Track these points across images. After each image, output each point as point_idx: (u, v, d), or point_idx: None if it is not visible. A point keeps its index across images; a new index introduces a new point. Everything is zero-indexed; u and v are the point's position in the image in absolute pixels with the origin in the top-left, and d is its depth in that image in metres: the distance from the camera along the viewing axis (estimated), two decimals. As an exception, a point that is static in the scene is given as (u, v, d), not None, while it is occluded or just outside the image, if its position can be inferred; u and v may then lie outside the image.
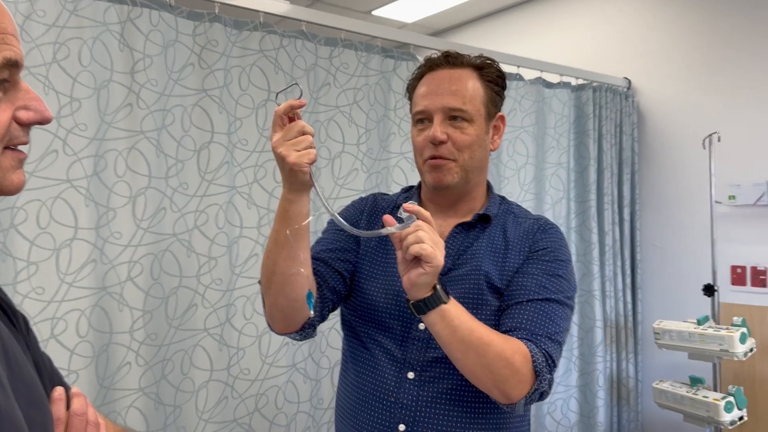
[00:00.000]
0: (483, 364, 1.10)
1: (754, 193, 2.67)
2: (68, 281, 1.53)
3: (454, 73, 1.27)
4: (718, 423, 2.34)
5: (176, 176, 1.74)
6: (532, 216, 1.36)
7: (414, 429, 1.20)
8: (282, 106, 1.09)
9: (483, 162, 1.31)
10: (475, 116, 1.25)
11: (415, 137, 1.29)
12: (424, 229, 1.07)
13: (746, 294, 2.75)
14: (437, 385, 1.21)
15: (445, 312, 1.09)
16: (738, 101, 2.79)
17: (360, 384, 1.27)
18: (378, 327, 1.27)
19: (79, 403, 0.87)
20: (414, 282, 1.07)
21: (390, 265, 1.29)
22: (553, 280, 1.23)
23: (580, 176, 2.89)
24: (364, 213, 1.38)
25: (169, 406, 1.71)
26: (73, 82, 1.55)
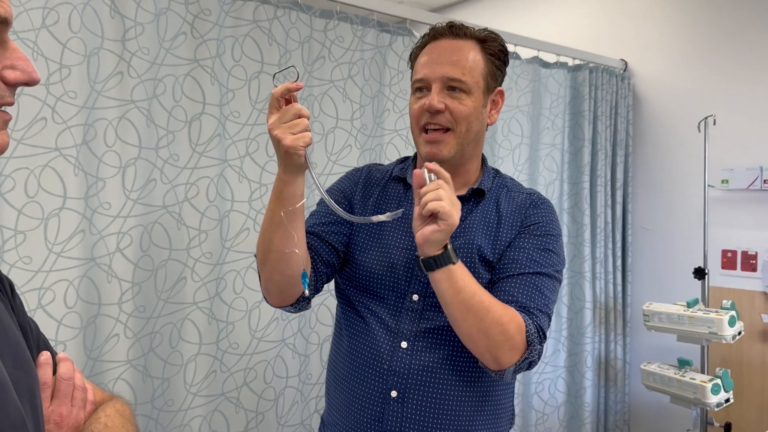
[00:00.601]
0: (480, 328, 1.14)
1: (747, 177, 2.67)
2: (56, 251, 1.51)
3: (456, 43, 1.27)
4: (705, 405, 2.36)
5: (167, 147, 1.72)
6: (525, 190, 1.38)
7: (405, 395, 1.24)
8: (279, 88, 1.09)
9: (479, 135, 1.31)
10: (473, 88, 1.25)
11: (413, 105, 1.29)
12: (444, 188, 1.11)
13: (736, 278, 2.76)
14: (429, 355, 1.24)
15: (452, 272, 1.13)
16: (734, 85, 2.78)
17: (354, 351, 1.30)
18: (373, 297, 1.30)
19: (65, 368, 0.86)
20: (427, 238, 1.11)
21: (385, 237, 1.31)
22: (544, 255, 1.27)
23: (574, 158, 2.88)
24: (359, 184, 1.39)
25: (157, 379, 1.71)
26: (62, 48, 1.52)
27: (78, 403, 0.86)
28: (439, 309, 1.22)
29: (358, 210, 1.35)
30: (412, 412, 1.24)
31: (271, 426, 1.92)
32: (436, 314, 1.24)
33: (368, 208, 1.35)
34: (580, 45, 3.12)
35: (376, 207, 1.35)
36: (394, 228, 1.31)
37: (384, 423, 1.25)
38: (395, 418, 1.24)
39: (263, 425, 1.90)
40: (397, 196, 1.36)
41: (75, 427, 0.84)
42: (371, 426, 1.26)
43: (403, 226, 1.30)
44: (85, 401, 0.87)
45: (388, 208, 1.34)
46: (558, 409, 2.79)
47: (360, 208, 1.35)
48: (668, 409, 2.94)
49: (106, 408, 0.89)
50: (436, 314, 1.24)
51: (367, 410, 1.27)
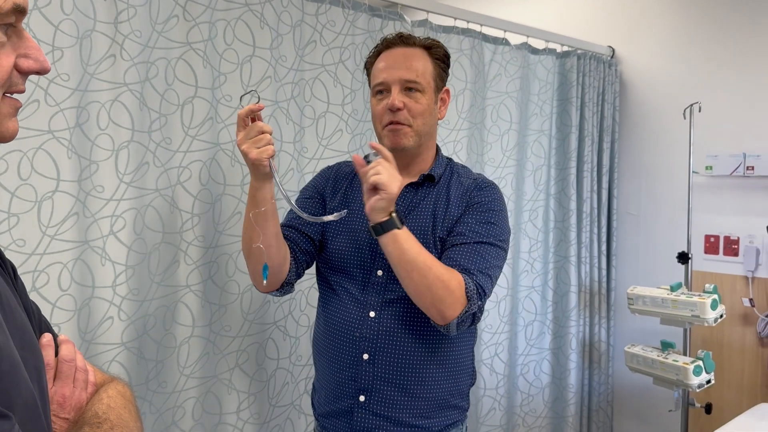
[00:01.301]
0: (424, 284, 1.34)
1: (731, 164, 2.72)
2: (50, 234, 1.52)
3: (407, 51, 1.50)
4: (687, 386, 2.42)
5: (159, 130, 1.72)
6: (473, 175, 1.60)
7: (375, 357, 1.47)
8: (244, 109, 1.32)
9: (433, 128, 1.55)
10: (426, 88, 1.48)
11: (375, 106, 1.51)
12: (382, 164, 1.34)
13: (718, 262, 2.82)
14: (394, 322, 1.47)
15: (397, 235, 1.34)
16: (719, 72, 2.82)
17: (331, 324, 1.54)
18: (344, 275, 1.54)
19: (67, 350, 0.87)
20: (372, 206, 1.33)
21: (352, 223, 1.54)
22: (485, 227, 1.47)
23: (561, 143, 2.91)
24: (329, 180, 1.64)
25: (151, 361, 1.72)
26: (54, 30, 1.51)
27: (80, 385, 0.87)
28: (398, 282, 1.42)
29: (330, 202, 1.60)
30: (383, 371, 1.47)
31: (263, 407, 1.95)
32: (398, 286, 1.44)
33: (337, 199, 1.59)
34: (568, 32, 3.14)
35: (344, 198, 1.58)
36: (361, 214, 1.52)
37: (359, 382, 1.48)
38: (368, 377, 1.48)
39: (255, 406, 1.92)
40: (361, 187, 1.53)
41: (77, 407, 0.86)
42: (349, 385, 1.49)
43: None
44: (87, 383, 0.89)
45: (354, 197, 1.56)
46: (543, 391, 2.85)
47: (330, 201, 1.60)
48: (651, 391, 3.01)
49: (108, 389, 0.90)
50: (398, 286, 1.44)
51: (344, 372, 1.50)
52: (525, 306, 2.79)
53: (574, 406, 2.88)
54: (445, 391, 1.52)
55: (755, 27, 2.72)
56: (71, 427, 0.83)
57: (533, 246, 2.80)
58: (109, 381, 0.94)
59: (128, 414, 0.88)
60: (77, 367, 0.88)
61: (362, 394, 1.48)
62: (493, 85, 2.61)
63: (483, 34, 2.55)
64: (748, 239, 2.73)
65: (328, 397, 1.54)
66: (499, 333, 2.65)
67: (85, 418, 0.83)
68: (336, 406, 1.52)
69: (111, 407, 0.86)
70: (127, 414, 0.87)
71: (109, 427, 0.82)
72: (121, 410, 0.87)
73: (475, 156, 2.56)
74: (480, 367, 2.61)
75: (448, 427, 1.55)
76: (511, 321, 2.71)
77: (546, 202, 2.85)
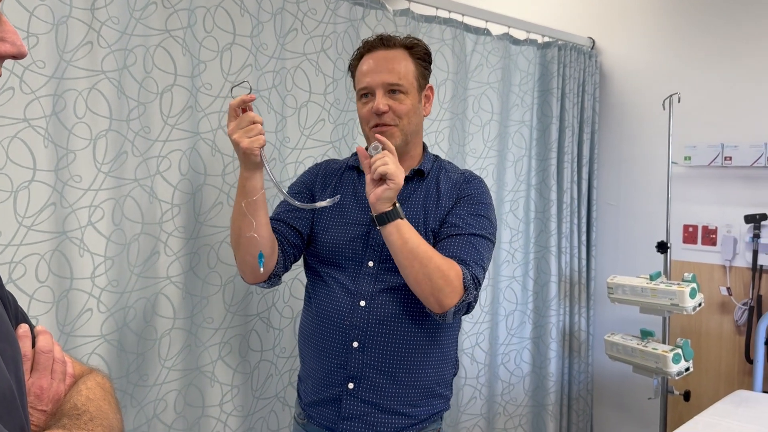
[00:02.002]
0: (425, 273, 1.38)
1: (709, 154, 2.75)
2: (26, 224, 1.48)
3: (388, 53, 1.53)
4: (666, 374, 2.45)
5: (138, 119, 1.69)
6: (460, 170, 1.66)
7: (365, 345, 1.51)
8: (236, 100, 1.34)
9: (419, 126, 1.59)
10: (409, 89, 1.52)
11: (361, 109, 1.55)
12: (389, 155, 1.39)
13: (696, 252, 2.85)
14: (383, 311, 1.51)
15: (400, 225, 1.39)
16: (698, 64, 2.85)
17: (321, 312, 1.56)
18: (335, 267, 1.57)
19: (44, 341, 0.85)
20: (379, 196, 1.37)
21: (345, 216, 1.58)
22: (477, 219, 1.53)
23: (542, 134, 2.92)
24: (318, 176, 1.67)
25: (132, 354, 1.70)
26: (29, 15, 1.47)
27: (58, 376, 0.85)
28: (391, 272, 1.50)
29: (319, 197, 1.62)
30: (372, 359, 1.50)
31: (247, 399, 1.93)
32: (389, 276, 1.51)
33: (327, 194, 1.61)
34: (549, 22, 3.15)
35: (334, 192, 1.61)
36: (353, 208, 1.58)
37: (348, 369, 1.51)
38: (357, 365, 1.51)
39: (238, 398, 1.91)
40: (351, 181, 1.63)
41: (55, 399, 0.84)
42: (338, 373, 1.52)
43: (360, 206, 1.57)
44: (65, 374, 0.87)
45: (344, 192, 1.60)
46: (523, 380, 2.87)
47: (320, 196, 1.62)
48: (630, 379, 3.04)
49: (87, 381, 0.88)
50: (389, 276, 1.51)
51: (334, 360, 1.52)
52: (506, 296, 2.80)
53: (554, 394, 2.90)
54: (432, 379, 1.56)
55: (734, 19, 2.75)
56: (50, 419, 0.81)
57: (514, 236, 2.81)
58: (87, 372, 0.92)
59: (108, 405, 0.86)
60: (55, 358, 0.86)
61: (351, 381, 1.51)
62: (474, 75, 2.61)
63: (465, 24, 2.54)
64: (726, 229, 2.77)
65: (316, 385, 1.56)
66: (480, 323, 2.66)
67: (63, 409, 0.81)
68: (324, 395, 1.54)
69: (90, 399, 0.84)
70: (106, 405, 0.86)
71: (88, 419, 0.80)
72: (101, 402, 0.85)
73: (457, 147, 2.55)
74: (461, 357, 2.61)
75: (433, 416, 1.59)
76: (492, 311, 2.72)
77: (527, 192, 2.86)
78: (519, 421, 2.85)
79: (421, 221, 1.53)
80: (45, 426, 0.80)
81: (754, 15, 2.69)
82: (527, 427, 2.87)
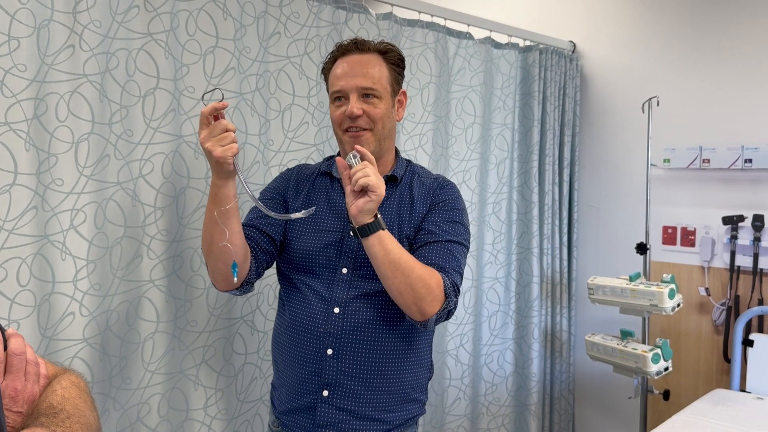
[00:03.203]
0: (407, 283, 1.38)
1: (688, 157, 2.79)
2: (8, 228, 1.47)
3: (363, 57, 1.53)
4: (646, 373, 2.49)
5: (120, 122, 1.68)
6: (433, 175, 1.66)
7: (339, 352, 1.50)
8: (207, 108, 1.31)
9: (392, 131, 1.58)
10: (383, 93, 1.52)
11: (334, 112, 1.54)
12: (369, 166, 1.36)
13: (675, 253, 2.90)
14: (357, 317, 1.50)
15: (382, 236, 1.37)
16: (676, 67, 2.89)
17: (295, 320, 1.54)
18: (309, 274, 1.55)
19: (16, 343, 0.85)
20: (361, 209, 1.35)
21: (318, 223, 1.56)
22: (452, 226, 1.54)
23: (523, 137, 2.94)
24: (290, 182, 1.65)
25: (114, 357, 1.69)
26: (10, 19, 1.46)
27: (32, 378, 0.85)
28: (365, 278, 1.50)
29: (292, 203, 1.60)
30: (346, 366, 1.49)
31: (231, 402, 1.93)
32: (363, 283, 1.50)
33: (300, 200, 1.60)
34: (530, 26, 3.18)
35: (307, 199, 1.60)
36: (326, 215, 1.57)
37: (322, 376, 1.50)
38: (332, 372, 1.49)
39: (222, 402, 1.91)
40: (324, 188, 1.61)
41: (30, 401, 0.84)
42: (312, 380, 1.51)
43: (333, 213, 1.57)
44: (39, 375, 0.87)
45: (317, 198, 1.59)
46: (506, 380, 2.89)
47: (293, 202, 1.61)
48: (611, 379, 3.08)
49: (61, 380, 0.88)
50: (363, 283, 1.50)
51: (308, 367, 1.51)
52: (489, 297, 2.83)
53: (536, 394, 2.93)
54: (407, 384, 1.56)
55: (712, 23, 2.79)
56: (26, 420, 0.81)
57: (497, 238, 2.83)
58: (61, 372, 0.92)
59: (83, 404, 0.87)
60: (27, 360, 0.86)
61: (326, 388, 1.50)
62: (457, 78, 2.63)
63: (447, 28, 2.56)
64: (704, 230, 2.81)
65: (290, 393, 1.55)
66: (464, 324, 2.68)
67: (40, 409, 0.81)
68: (298, 403, 1.53)
69: (66, 398, 0.84)
70: (82, 404, 0.86)
71: (65, 417, 0.80)
72: (77, 400, 0.86)
73: (440, 149, 2.57)
74: (445, 358, 2.63)
75: (408, 421, 1.59)
76: (475, 312, 2.74)
77: (509, 194, 2.88)
78: (502, 421, 2.87)
79: (395, 228, 1.54)
80: (22, 426, 0.80)
81: (732, 20, 2.74)
82: (510, 427, 2.90)
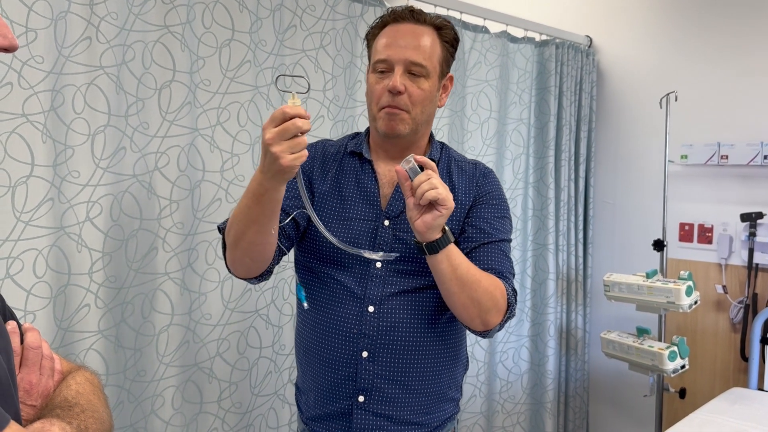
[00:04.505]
0: (474, 298, 1.27)
1: (705, 153, 2.76)
2: (24, 219, 1.48)
3: (417, 28, 1.35)
4: (662, 371, 2.46)
5: (136, 115, 1.68)
6: (470, 160, 1.51)
7: (375, 354, 1.36)
8: (292, 111, 1.07)
9: (431, 116, 1.43)
10: (431, 73, 1.35)
11: (373, 84, 1.36)
12: (435, 176, 1.20)
13: (692, 250, 2.86)
14: (394, 317, 1.36)
15: (451, 252, 1.25)
16: (695, 63, 2.86)
17: (322, 320, 1.40)
18: (338, 267, 1.39)
19: (33, 337, 0.85)
20: (430, 225, 1.21)
21: (348, 210, 1.40)
22: (502, 222, 1.43)
23: (539, 132, 2.92)
24: (316, 160, 1.46)
25: (129, 350, 1.69)
26: (28, 11, 1.47)
27: (46, 372, 0.85)
28: (400, 274, 1.37)
29: (319, 185, 1.42)
30: (383, 368, 1.37)
31: (245, 396, 1.93)
32: (399, 279, 1.37)
33: (328, 183, 1.43)
34: (546, 21, 3.15)
35: (335, 181, 1.43)
36: (356, 201, 1.41)
37: (358, 381, 1.37)
38: (368, 376, 1.37)
39: (236, 395, 1.90)
40: (353, 170, 1.44)
41: (44, 395, 0.84)
42: (346, 385, 1.38)
43: (365, 199, 1.40)
44: (53, 370, 0.87)
45: (346, 181, 1.43)
46: (521, 377, 2.87)
47: (320, 184, 1.43)
48: (626, 376, 3.05)
49: (76, 376, 0.89)
50: (399, 279, 1.37)
51: (341, 371, 1.37)
52: (503, 294, 2.80)
53: (551, 392, 2.91)
54: (444, 383, 1.45)
55: (731, 17, 2.75)
56: (39, 413, 0.81)
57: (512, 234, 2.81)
58: (75, 369, 0.92)
59: (97, 400, 0.87)
60: (43, 354, 0.86)
61: (361, 394, 1.38)
62: (473, 73, 2.61)
63: (463, 22, 2.54)
64: (722, 227, 2.77)
65: (321, 399, 1.42)
66: (478, 320, 2.66)
67: (54, 402, 0.82)
68: (330, 408, 1.41)
69: (80, 393, 0.85)
70: (96, 400, 0.86)
71: (80, 410, 0.80)
72: (90, 396, 0.86)
73: (456, 144, 2.56)
74: (459, 355, 2.62)
75: (445, 422, 1.49)
76: (490, 308, 2.72)
77: (525, 190, 2.86)
78: (517, 419, 2.85)
79: None
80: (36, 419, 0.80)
81: (752, 14, 2.70)
82: (525, 424, 2.88)
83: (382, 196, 1.41)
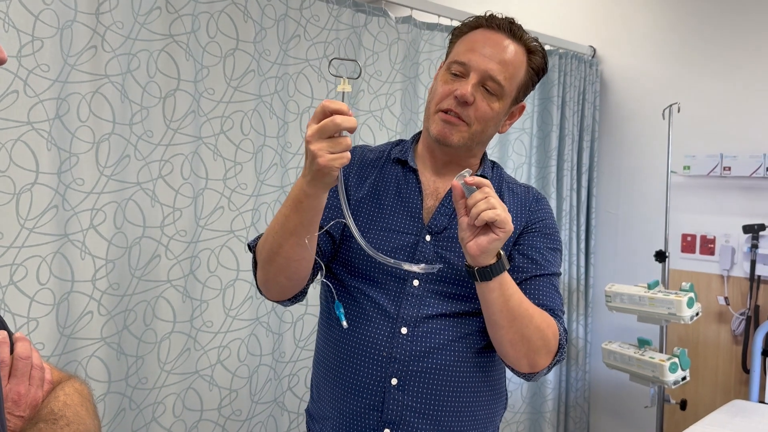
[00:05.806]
0: (524, 335, 1.15)
1: (708, 164, 2.76)
2: (28, 227, 1.49)
3: (510, 44, 1.24)
4: (663, 383, 2.46)
5: (141, 123, 1.70)
6: (521, 184, 1.39)
7: (406, 383, 1.21)
8: (332, 105, 0.99)
9: (489, 138, 1.31)
10: (506, 95, 1.24)
11: (442, 84, 1.24)
12: (493, 195, 1.08)
13: (694, 261, 2.86)
14: (429, 340, 1.22)
15: (504, 280, 1.12)
16: (697, 74, 2.86)
17: (348, 340, 1.25)
18: (370, 283, 1.26)
19: (23, 347, 0.85)
20: (485, 248, 1.09)
21: (385, 221, 1.27)
22: (554, 254, 1.30)
23: (542, 142, 2.93)
24: (353, 166, 1.34)
25: (131, 357, 1.70)
26: (35, 20, 1.48)
27: (36, 382, 0.85)
28: (438, 296, 1.23)
29: (354, 191, 1.30)
30: (413, 399, 1.21)
31: (245, 403, 1.93)
32: (437, 301, 1.23)
33: (365, 189, 1.31)
34: (550, 31, 3.16)
35: (374, 188, 1.31)
36: (396, 212, 1.28)
37: (385, 412, 1.21)
38: (396, 406, 1.21)
39: (237, 402, 1.91)
40: (395, 178, 1.32)
41: (33, 405, 0.84)
42: (370, 415, 1.22)
43: (406, 211, 1.28)
44: (43, 380, 0.87)
45: (386, 189, 1.31)
46: (521, 386, 2.87)
47: (356, 190, 1.31)
48: (627, 387, 3.05)
49: (65, 387, 0.88)
50: (437, 301, 1.23)
51: (366, 399, 1.22)
52: (505, 303, 2.81)
53: (551, 402, 2.91)
54: (480, 422, 1.28)
55: (734, 29, 2.76)
56: (26, 425, 0.81)
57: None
58: (66, 379, 0.92)
59: (85, 411, 0.86)
60: (33, 364, 0.86)
61: (388, 426, 1.22)
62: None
63: (466, 32, 2.55)
64: (724, 238, 2.77)
65: (340, 429, 1.26)
66: (480, 330, 2.66)
67: (40, 415, 0.81)
68: None
69: (67, 404, 0.84)
70: (83, 411, 0.86)
71: (65, 424, 0.80)
72: (78, 408, 0.85)
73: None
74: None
75: None
76: (491, 318, 2.72)
77: (526, 199, 2.86)
78: (517, 428, 2.85)
79: None
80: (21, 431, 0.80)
81: (754, 26, 2.71)
82: (524, 434, 2.88)
83: (425, 209, 1.28)
